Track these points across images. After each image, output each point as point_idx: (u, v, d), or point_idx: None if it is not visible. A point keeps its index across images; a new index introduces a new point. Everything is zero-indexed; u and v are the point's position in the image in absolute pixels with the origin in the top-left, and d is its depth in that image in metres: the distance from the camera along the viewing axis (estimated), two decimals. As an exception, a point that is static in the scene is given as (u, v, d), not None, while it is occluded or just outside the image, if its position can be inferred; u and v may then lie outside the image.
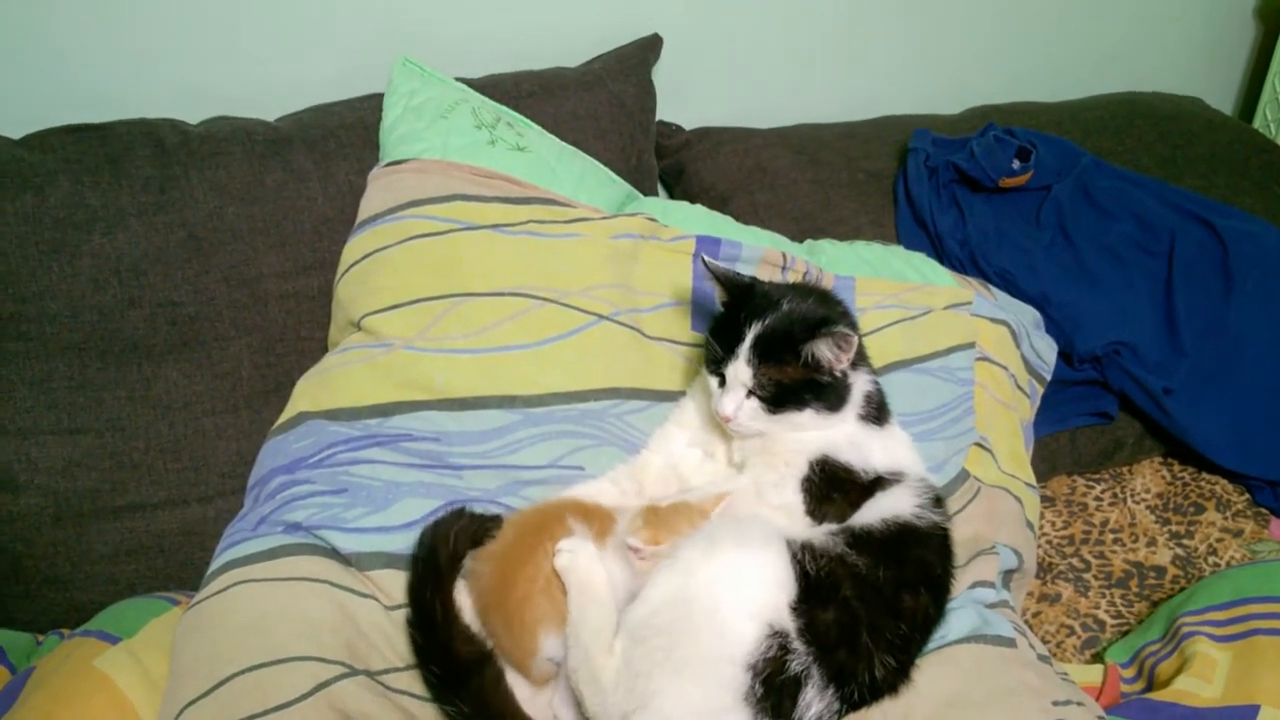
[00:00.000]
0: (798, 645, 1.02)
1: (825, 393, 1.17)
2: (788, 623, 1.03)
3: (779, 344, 1.15)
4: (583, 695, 1.05)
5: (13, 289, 1.30)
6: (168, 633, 1.16)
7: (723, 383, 1.19)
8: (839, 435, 1.19)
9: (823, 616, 1.04)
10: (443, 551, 1.14)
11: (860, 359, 1.23)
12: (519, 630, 1.10)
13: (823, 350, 1.14)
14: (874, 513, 1.15)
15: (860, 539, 1.11)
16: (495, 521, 1.19)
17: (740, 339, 1.17)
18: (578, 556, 1.10)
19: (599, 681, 1.04)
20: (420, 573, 1.14)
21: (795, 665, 1.01)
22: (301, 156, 1.45)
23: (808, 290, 1.26)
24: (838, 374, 1.17)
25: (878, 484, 1.18)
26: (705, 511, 1.15)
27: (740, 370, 1.16)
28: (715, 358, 1.20)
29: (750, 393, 1.17)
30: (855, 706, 1.05)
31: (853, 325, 1.23)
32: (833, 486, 1.17)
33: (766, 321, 1.17)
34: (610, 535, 1.14)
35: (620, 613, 1.08)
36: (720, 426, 1.22)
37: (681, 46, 1.83)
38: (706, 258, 1.26)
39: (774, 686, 1.00)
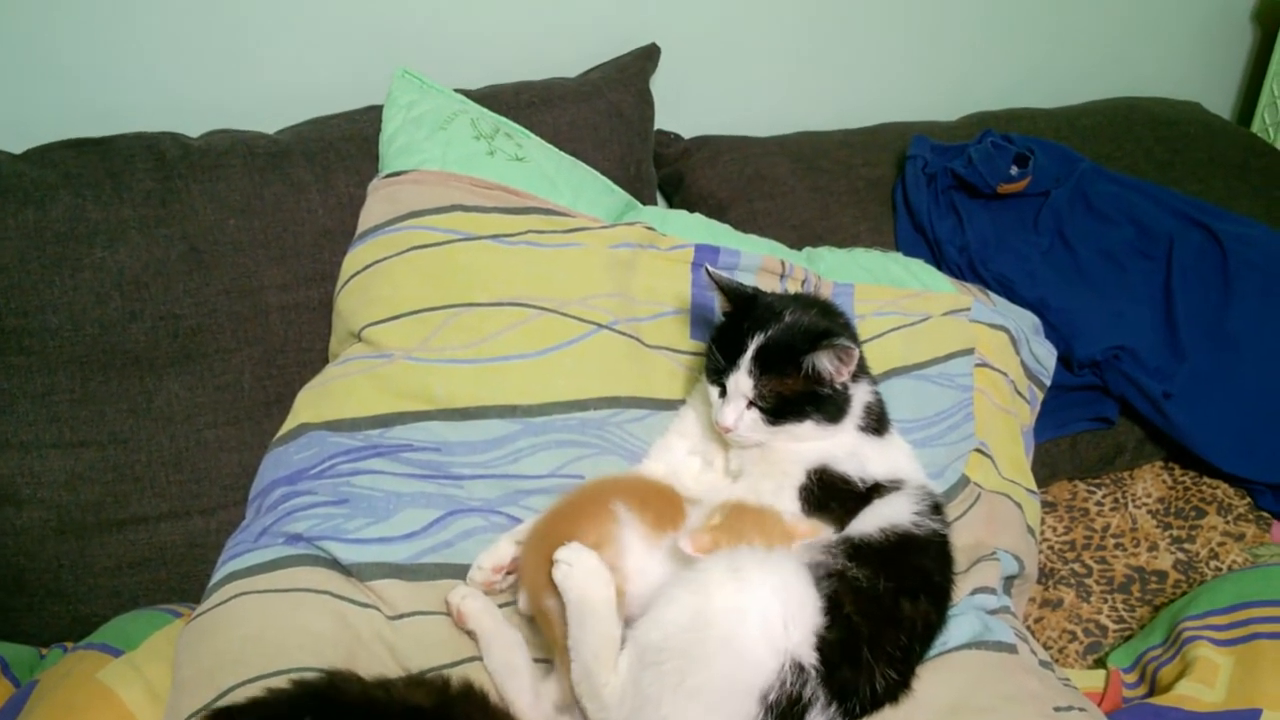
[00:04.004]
0: (811, 674, 1.01)
1: (826, 405, 1.17)
2: (808, 654, 1.01)
3: (781, 355, 1.15)
4: (585, 708, 1.05)
5: (15, 303, 1.30)
6: (170, 645, 1.16)
7: (723, 393, 1.19)
8: (837, 445, 1.19)
9: (828, 638, 1.03)
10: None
11: (861, 370, 1.23)
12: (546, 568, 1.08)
13: (824, 362, 1.14)
14: (872, 521, 1.15)
15: (860, 550, 1.11)
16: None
17: (742, 350, 1.17)
18: (574, 569, 1.06)
19: (600, 699, 1.03)
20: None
21: (806, 693, 1.00)
22: (301, 169, 1.45)
23: (810, 302, 1.26)
24: (838, 386, 1.17)
25: (875, 491, 1.19)
26: (789, 535, 1.11)
27: (741, 381, 1.16)
28: (716, 368, 1.20)
29: (751, 403, 1.17)
30: (856, 718, 1.05)
31: (854, 338, 1.23)
32: (830, 496, 1.17)
33: (769, 333, 1.17)
34: (670, 528, 1.11)
35: (633, 616, 1.07)
36: (719, 435, 1.22)
37: (679, 55, 1.83)
38: (710, 267, 1.27)
39: (785, 716, 0.99)
